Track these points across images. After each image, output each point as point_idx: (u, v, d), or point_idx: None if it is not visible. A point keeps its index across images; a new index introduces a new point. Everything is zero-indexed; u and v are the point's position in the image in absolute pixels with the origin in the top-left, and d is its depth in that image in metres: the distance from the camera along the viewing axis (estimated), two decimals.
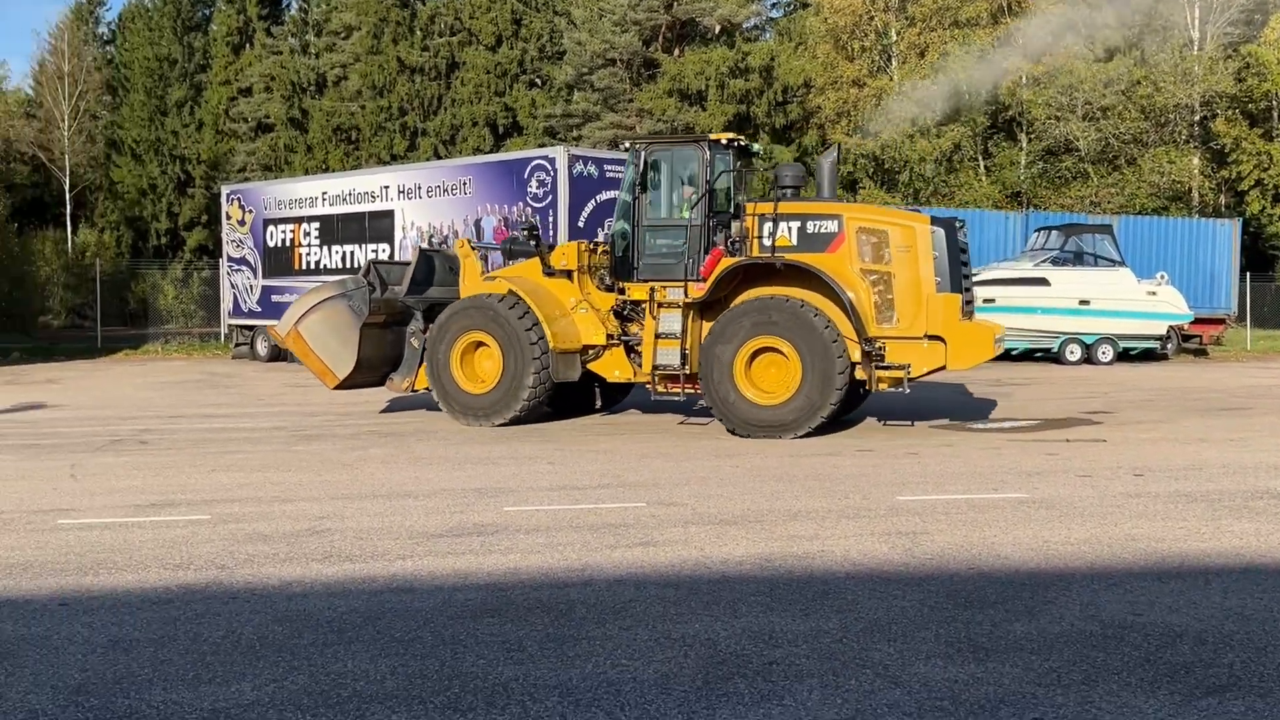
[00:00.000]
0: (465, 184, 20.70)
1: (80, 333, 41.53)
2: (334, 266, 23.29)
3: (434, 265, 14.72)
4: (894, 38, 38.13)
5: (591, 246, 13.92)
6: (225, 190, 26.87)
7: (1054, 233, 25.43)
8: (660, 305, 12.75)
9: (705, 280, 12.47)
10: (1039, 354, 25.21)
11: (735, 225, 12.75)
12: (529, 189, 19.37)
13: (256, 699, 4.37)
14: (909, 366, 11.98)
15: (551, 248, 14.09)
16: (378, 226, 22.30)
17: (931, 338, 11.99)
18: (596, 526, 7.46)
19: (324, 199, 23.65)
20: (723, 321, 12.35)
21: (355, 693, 4.43)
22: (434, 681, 4.54)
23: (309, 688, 4.48)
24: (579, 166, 19.10)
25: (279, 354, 24.83)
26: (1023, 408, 15.51)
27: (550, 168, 19.04)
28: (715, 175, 12.86)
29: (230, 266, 26.26)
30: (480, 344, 13.39)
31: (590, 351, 13.38)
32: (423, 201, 21.47)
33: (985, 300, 24.11)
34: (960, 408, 15.32)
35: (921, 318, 11.97)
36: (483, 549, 6.82)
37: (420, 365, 13.98)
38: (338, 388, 14.59)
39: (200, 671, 4.67)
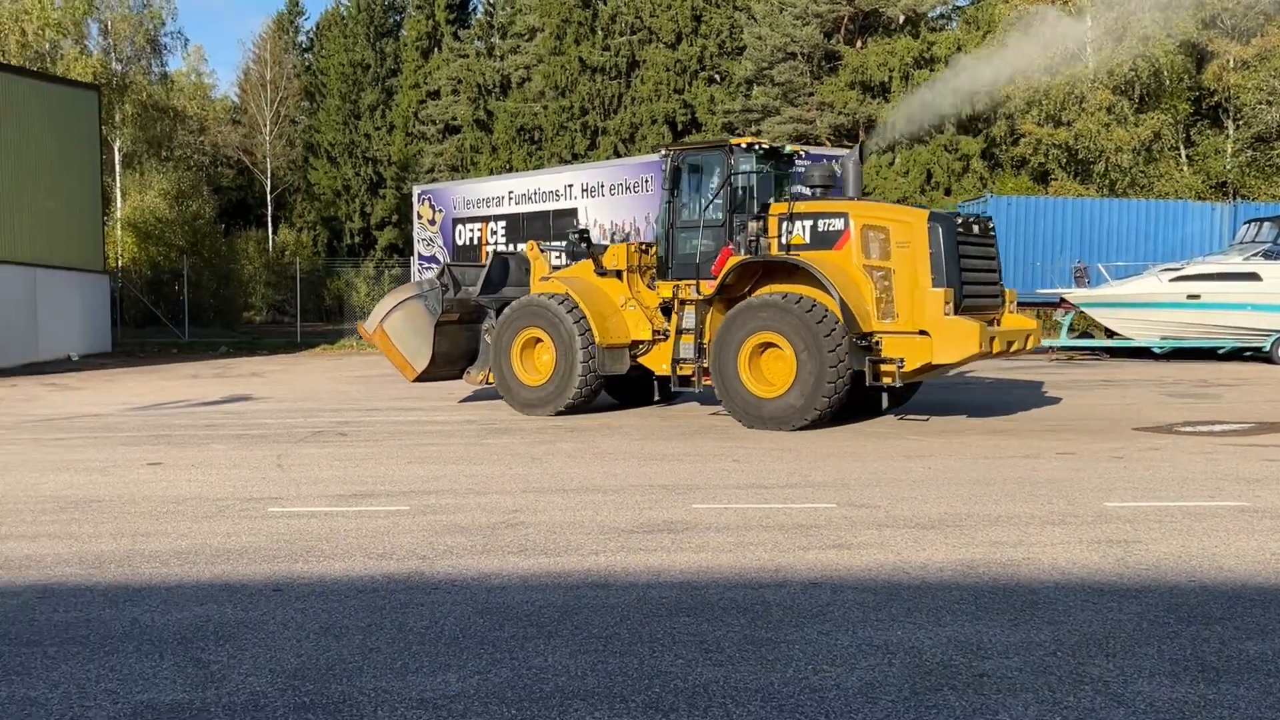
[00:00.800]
0: (647, 181, 20.81)
1: (280, 327, 43.66)
2: None
3: (508, 267, 15.86)
4: (1089, 22, 36.54)
5: (642, 247, 14.59)
6: (417, 190, 27.78)
7: (1266, 224, 23.90)
8: (683, 302, 13.54)
9: (715, 278, 13.16)
10: (1248, 353, 23.77)
11: (752, 225, 13.19)
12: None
13: (462, 690, 4.44)
14: (903, 361, 12.24)
15: (604, 249, 14.88)
16: (561, 224, 22.64)
17: (921, 333, 12.22)
18: (787, 527, 7.35)
19: (510, 198, 24.19)
20: (731, 317, 12.87)
21: (557, 688, 4.45)
22: (634, 680, 4.53)
23: (512, 681, 4.53)
24: None
25: None
26: (1233, 410, 14.62)
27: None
28: (735, 177, 13.45)
29: (421, 264, 27.14)
30: (538, 340, 14.34)
31: (639, 346, 14.17)
32: (605, 199, 21.70)
33: (1189, 296, 22.89)
34: (1161, 409, 14.56)
35: (915, 313, 12.23)
36: (674, 546, 6.80)
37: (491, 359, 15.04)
38: (416, 380, 15.78)
39: (407, 661, 4.77)
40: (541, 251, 15.39)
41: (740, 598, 5.69)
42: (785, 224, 13.02)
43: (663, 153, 14.50)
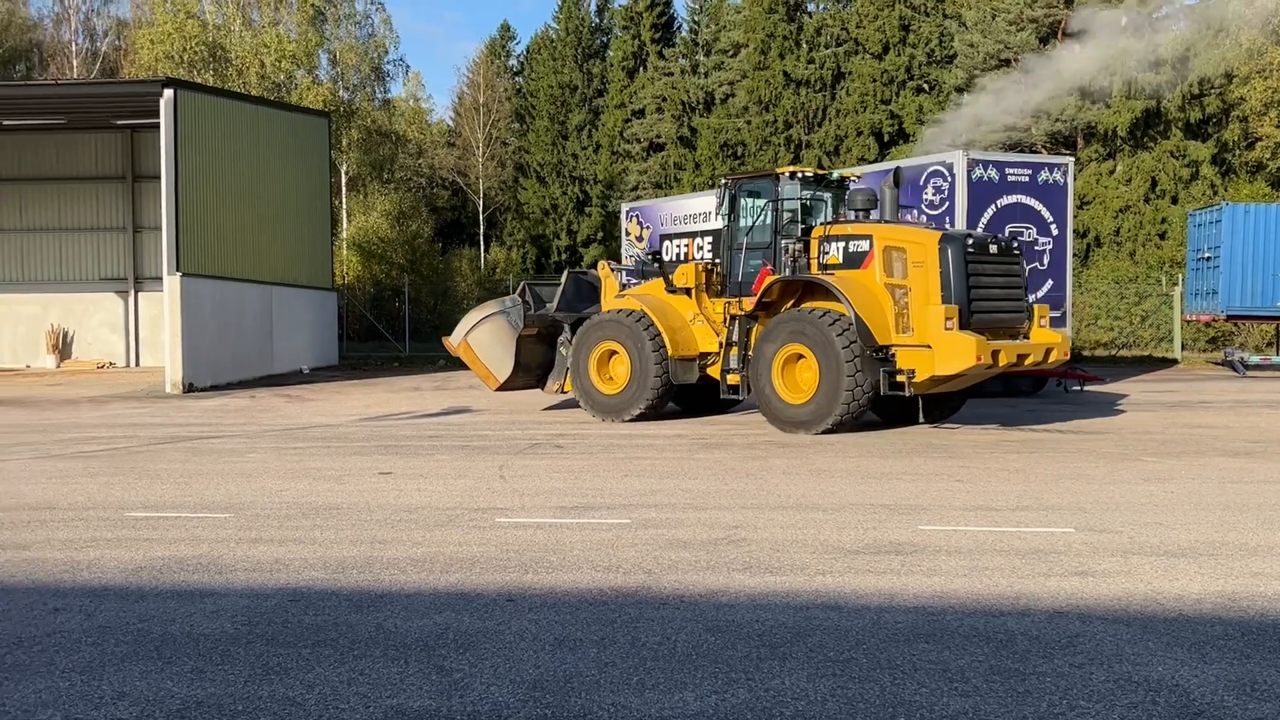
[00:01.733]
0: None
1: None
2: None
3: (582, 285, 17.48)
4: None
5: (709, 266, 15.67)
6: (625, 208, 28.09)
7: None
8: (733, 317, 14.82)
9: (754, 294, 14.42)
10: None
11: (794, 246, 14.34)
12: (924, 196, 18.82)
13: (700, 709, 4.37)
14: (913, 372, 13.20)
15: (675, 268, 15.94)
16: None
17: (926, 346, 13.19)
18: (1023, 551, 7.01)
19: (715, 213, 24.14)
20: (765, 331, 14.14)
21: (798, 712, 4.33)
22: (877, 708, 4.37)
23: (750, 703, 4.43)
24: (978, 171, 18.34)
25: None
26: None
27: (947, 173, 18.42)
28: (780, 203, 14.60)
29: (629, 281, 27.40)
30: (614, 352, 15.64)
31: (707, 358, 15.38)
32: None
33: None
34: None
35: (926, 327, 13.19)
36: (904, 569, 6.58)
37: (568, 370, 16.33)
38: (499, 390, 17.45)
39: (643, 676, 4.75)
40: (612, 271, 16.92)
41: (981, 625, 5.44)
42: (823, 245, 14.22)
43: (722, 181, 15.68)
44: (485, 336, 17.09)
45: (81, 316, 31.61)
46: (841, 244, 14.10)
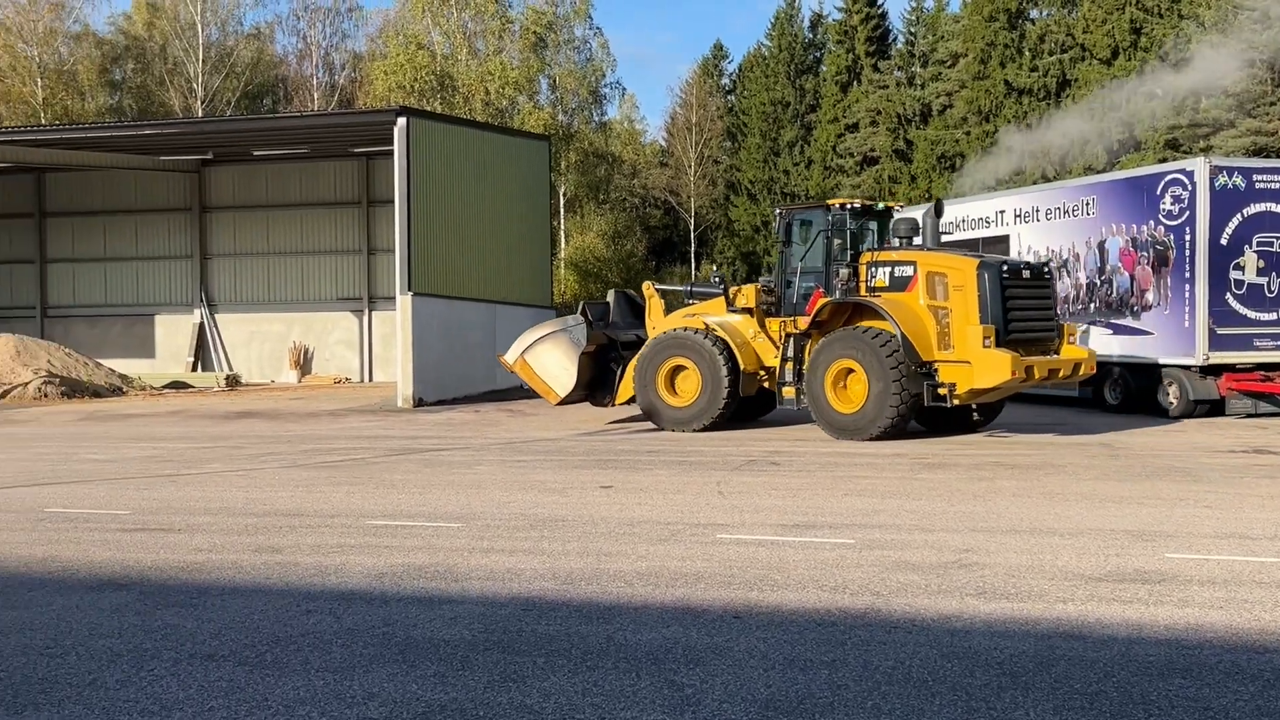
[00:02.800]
0: (1088, 204, 19.56)
1: None
2: None
3: (623, 304, 18.99)
4: None
5: (766, 288, 16.85)
6: None
7: None
8: (787, 335, 16.08)
9: (808, 314, 15.75)
10: None
11: (844, 271, 15.65)
12: (1161, 206, 17.83)
13: None
14: (954, 385, 14.58)
15: (738, 290, 17.21)
16: (992, 251, 21.77)
17: (965, 362, 14.54)
18: None
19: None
20: (820, 347, 15.47)
21: None
22: None
23: None
24: (1221, 179, 17.24)
25: None
26: None
27: (1188, 182, 17.39)
28: (831, 232, 15.96)
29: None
30: (681, 368, 16.74)
31: (764, 372, 16.70)
32: (1040, 224, 20.61)
33: None
34: None
35: (965, 344, 14.54)
36: (1152, 599, 6.20)
37: (619, 385, 17.63)
38: (559, 404, 18.54)
39: (878, 701, 4.63)
40: (656, 291, 18.30)
41: (1243, 662, 5.07)
42: (870, 270, 15.63)
43: (777, 212, 17.43)
44: (544, 354, 18.12)
45: (320, 334, 33.50)
46: (888, 269, 15.52)
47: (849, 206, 16.26)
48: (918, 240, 15.78)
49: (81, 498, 10.65)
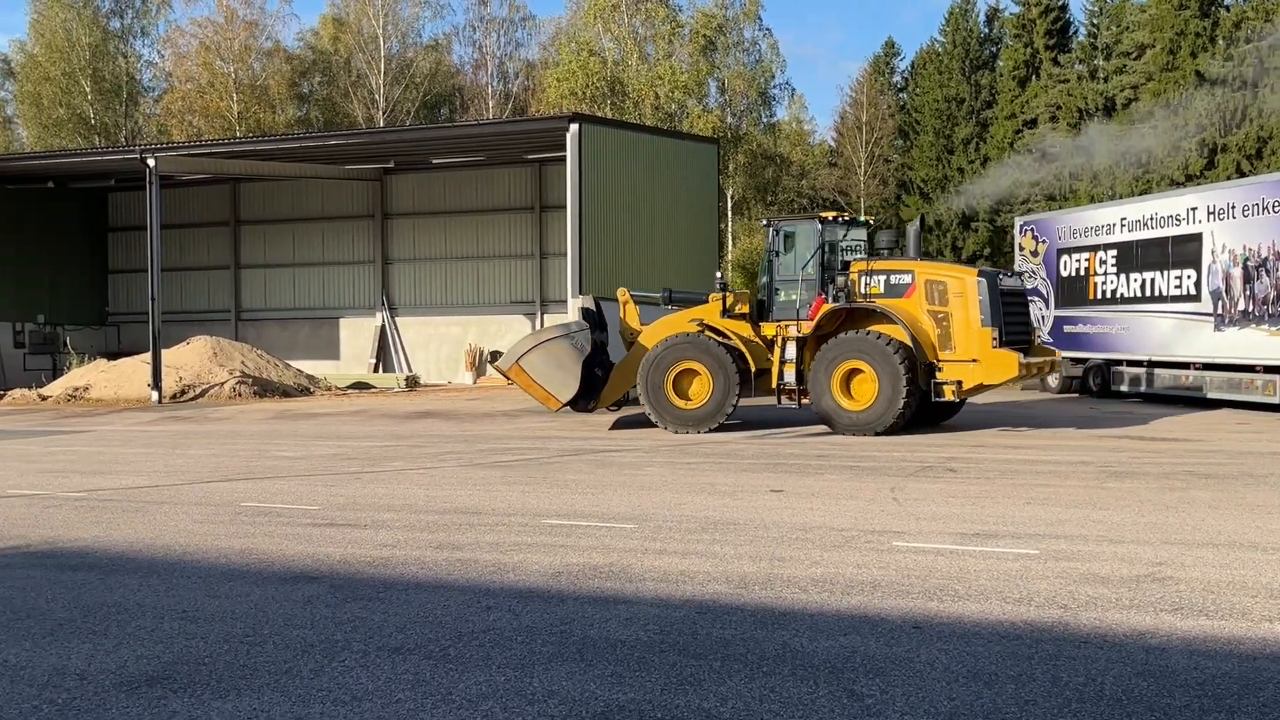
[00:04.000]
0: None
1: None
2: (1132, 295, 22.16)
3: (600, 310, 19.39)
4: None
5: (760, 294, 17.69)
6: (1019, 222, 26.96)
7: None
8: (785, 339, 17.13)
9: (812, 320, 16.85)
10: None
11: (840, 279, 16.86)
12: None
13: None
14: (960, 382, 16.25)
15: (733, 296, 17.84)
16: (1182, 251, 20.77)
17: (974, 361, 16.15)
18: None
19: (1122, 225, 22.60)
20: (826, 349, 16.52)
21: None
22: None
23: None
24: None
25: (1071, 385, 24.23)
26: None
27: None
28: (822, 242, 17.24)
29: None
30: (691, 371, 17.26)
31: (762, 373, 17.60)
32: (1236, 222, 19.52)
33: None
34: None
35: (969, 345, 16.17)
36: None
37: (602, 389, 18.50)
38: (559, 410, 18.65)
39: (1069, 719, 4.45)
40: (632, 297, 18.76)
41: None
42: (864, 278, 16.79)
43: (765, 222, 18.35)
44: (540, 360, 17.91)
45: (494, 336, 34.34)
46: (883, 277, 16.72)
47: (839, 219, 17.63)
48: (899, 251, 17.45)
49: (274, 493, 11.17)
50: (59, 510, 10.09)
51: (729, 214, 47.76)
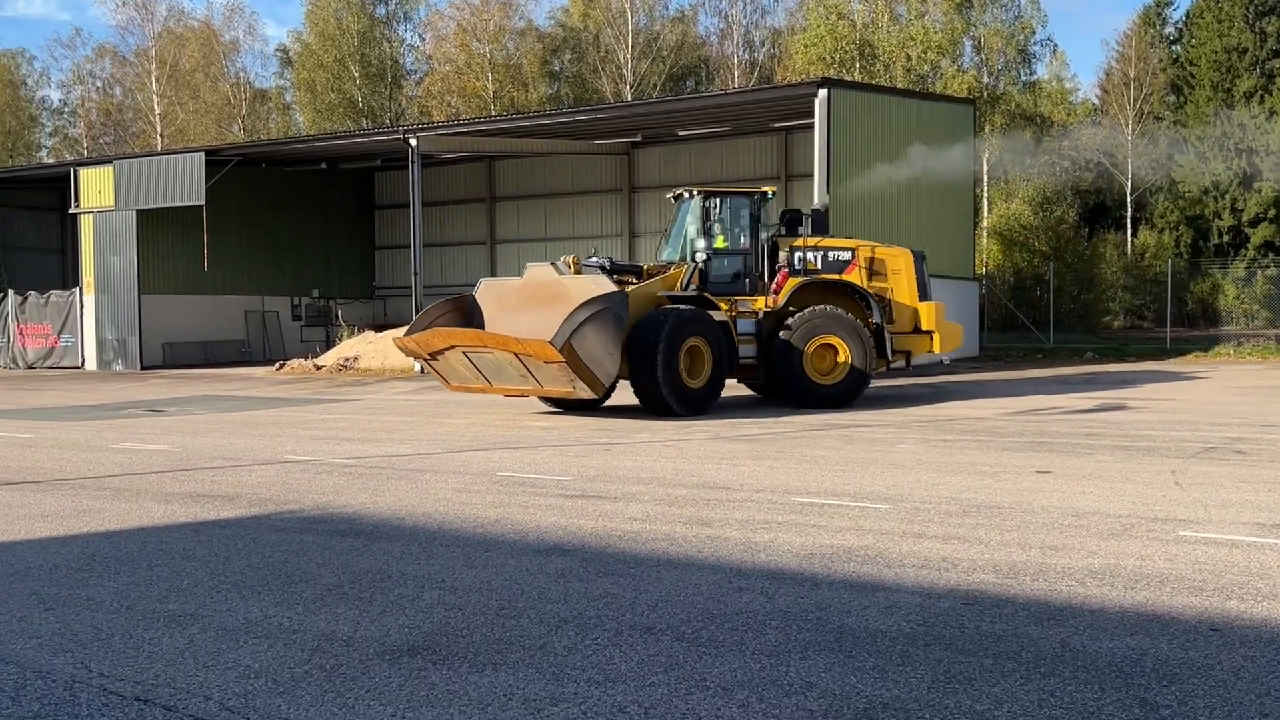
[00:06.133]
0: None
1: (1139, 333, 41.83)
2: None
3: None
4: None
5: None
6: None
7: None
8: (741, 314, 16.71)
9: (779, 294, 16.88)
10: None
11: (798, 255, 17.02)
12: None
13: None
14: (910, 352, 17.67)
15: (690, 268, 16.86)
16: None
17: (921, 332, 17.53)
18: None
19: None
20: (798, 323, 16.48)
21: None
22: None
23: None
24: None
25: None
26: None
27: None
28: (760, 216, 17.32)
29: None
30: (697, 348, 15.92)
31: None
32: None
33: None
34: None
35: (909, 319, 17.43)
36: None
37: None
38: (601, 395, 15.45)
39: None
40: (583, 265, 16.30)
41: None
42: (799, 254, 17.05)
43: (690, 194, 17.39)
44: (590, 337, 14.38)
45: None
46: (819, 254, 17.13)
47: (772, 193, 17.61)
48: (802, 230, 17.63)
49: (528, 463, 11.37)
50: (330, 476, 10.60)
51: (985, 178, 45.81)
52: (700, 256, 16.81)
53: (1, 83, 64.83)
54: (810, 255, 17.16)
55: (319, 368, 29.58)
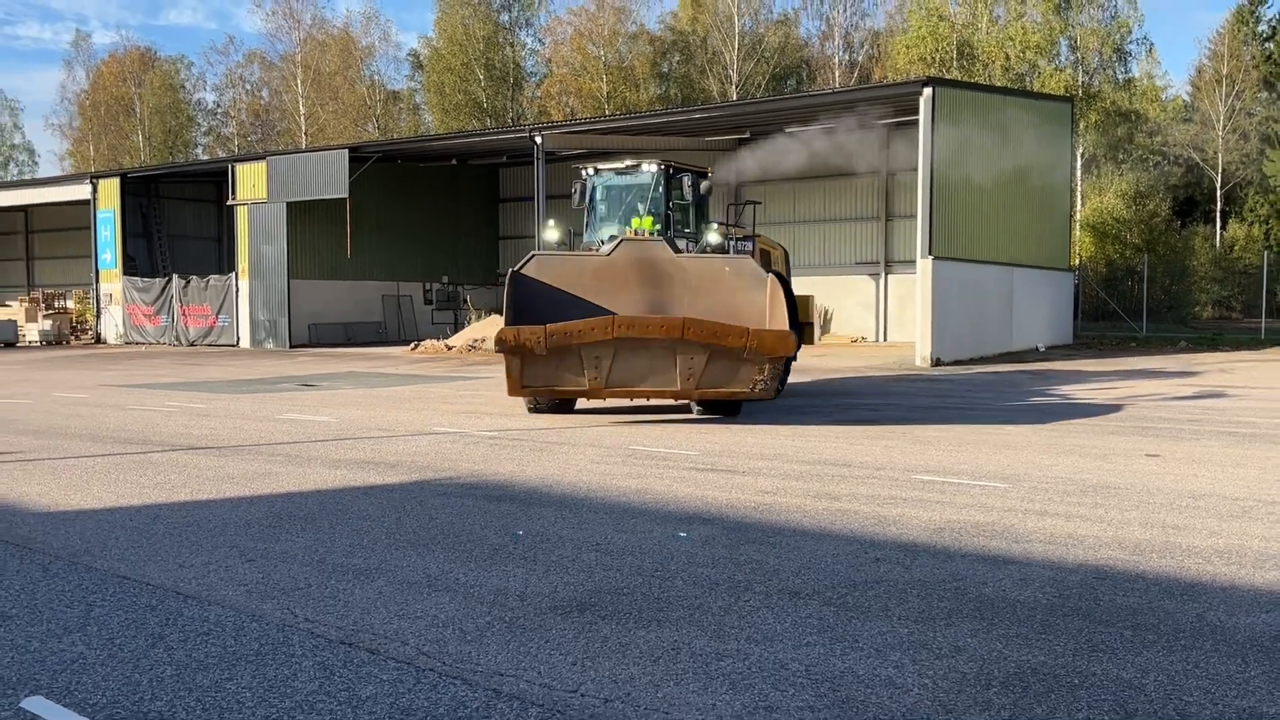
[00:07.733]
0: None
1: (1229, 323, 40.33)
2: None
3: None
4: None
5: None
6: None
7: None
8: None
9: None
10: None
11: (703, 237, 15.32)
12: None
13: None
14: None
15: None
16: None
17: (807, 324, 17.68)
18: None
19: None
20: None
21: None
22: None
23: None
24: None
25: None
26: None
27: None
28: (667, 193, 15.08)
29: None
30: None
31: None
32: None
33: None
34: None
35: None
36: None
37: None
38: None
39: None
40: None
41: None
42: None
43: (589, 171, 15.44)
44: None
45: (840, 297, 33.87)
46: (732, 241, 15.85)
47: (670, 168, 15.29)
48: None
49: (656, 438, 11.46)
50: (477, 447, 10.82)
51: (1078, 172, 44.57)
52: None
53: (164, 86, 67.19)
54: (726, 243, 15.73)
55: (450, 348, 30.12)
